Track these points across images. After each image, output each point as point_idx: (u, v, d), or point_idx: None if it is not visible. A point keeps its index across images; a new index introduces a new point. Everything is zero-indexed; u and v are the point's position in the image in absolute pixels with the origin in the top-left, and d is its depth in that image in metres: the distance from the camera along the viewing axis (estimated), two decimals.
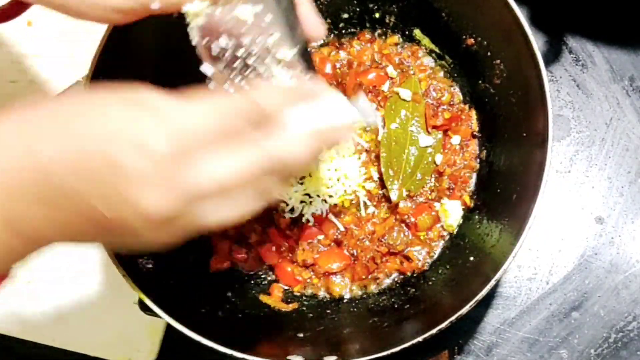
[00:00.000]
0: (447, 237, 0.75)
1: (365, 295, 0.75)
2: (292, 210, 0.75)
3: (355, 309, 0.74)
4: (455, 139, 0.76)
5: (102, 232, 0.40)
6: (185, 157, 0.39)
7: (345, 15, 0.80)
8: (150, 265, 0.66)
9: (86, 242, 0.43)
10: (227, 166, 0.40)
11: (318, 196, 0.75)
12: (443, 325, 0.58)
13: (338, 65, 0.80)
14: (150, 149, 0.37)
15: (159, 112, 0.39)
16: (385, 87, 0.78)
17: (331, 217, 0.76)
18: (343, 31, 0.81)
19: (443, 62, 0.79)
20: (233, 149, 0.41)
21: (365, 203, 0.76)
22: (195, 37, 0.52)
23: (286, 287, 0.75)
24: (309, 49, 0.53)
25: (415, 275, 0.75)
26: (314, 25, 0.53)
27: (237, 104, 0.42)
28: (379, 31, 0.80)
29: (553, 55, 0.86)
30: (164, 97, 0.40)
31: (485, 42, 0.72)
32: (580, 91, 0.85)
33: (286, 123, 0.44)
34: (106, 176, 0.37)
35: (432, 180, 0.77)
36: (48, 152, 0.38)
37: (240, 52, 0.51)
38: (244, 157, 0.41)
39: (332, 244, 0.76)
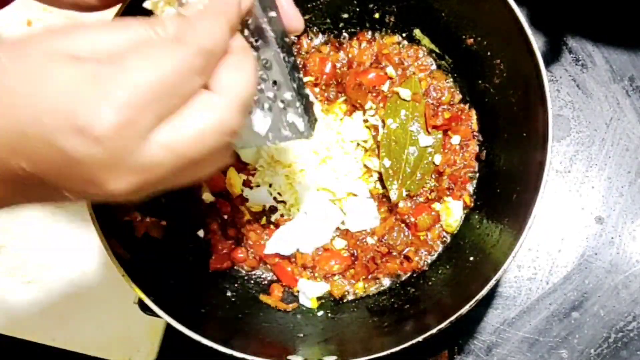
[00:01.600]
0: (447, 237, 0.75)
1: (365, 295, 0.75)
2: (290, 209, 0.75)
3: (355, 309, 0.74)
4: (455, 139, 0.76)
5: (63, 198, 0.38)
6: (133, 132, 0.35)
7: (345, 15, 0.80)
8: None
9: (50, 203, 0.42)
10: (183, 136, 0.37)
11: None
12: (443, 325, 0.58)
13: (338, 65, 0.80)
14: (92, 131, 0.34)
15: (96, 80, 0.35)
16: (385, 87, 0.78)
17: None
18: (343, 31, 0.81)
19: (443, 62, 0.79)
20: (183, 114, 0.37)
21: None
22: None
23: (286, 287, 0.75)
24: (288, 40, 0.50)
25: (415, 275, 0.75)
26: (292, 17, 0.50)
27: (179, 64, 0.37)
28: (379, 31, 0.80)
29: (553, 55, 0.86)
30: (103, 45, 0.36)
31: (485, 42, 0.72)
32: (580, 91, 0.85)
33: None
34: (56, 160, 0.35)
35: (432, 180, 0.77)
36: None
37: None
38: (208, 122, 0.37)
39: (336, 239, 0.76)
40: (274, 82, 0.48)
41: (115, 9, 0.62)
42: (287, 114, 0.49)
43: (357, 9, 0.79)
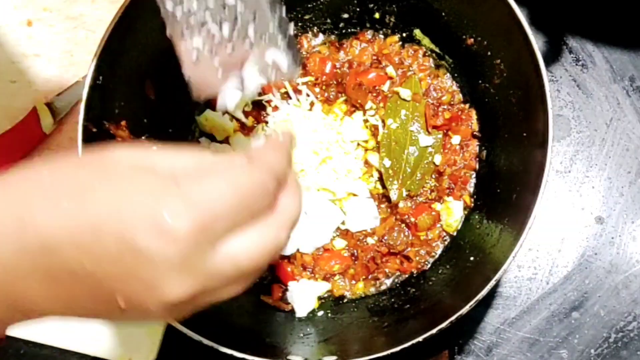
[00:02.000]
0: (447, 237, 0.75)
1: (365, 295, 0.75)
2: None
3: (355, 309, 0.74)
4: (456, 139, 0.76)
5: (109, 310, 0.38)
6: (206, 239, 0.37)
7: (345, 15, 0.80)
8: None
9: (88, 319, 0.40)
10: (247, 251, 0.39)
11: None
12: (443, 325, 0.58)
13: (338, 65, 0.80)
14: (172, 231, 0.35)
15: (178, 186, 0.36)
16: (385, 87, 0.78)
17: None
18: (343, 31, 0.81)
19: (443, 62, 0.79)
20: (248, 230, 0.39)
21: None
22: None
23: (286, 287, 0.75)
24: (285, 17, 0.48)
25: (415, 275, 0.75)
26: None
27: (255, 183, 0.40)
28: (379, 31, 0.80)
29: (553, 55, 0.86)
30: (179, 164, 0.39)
31: (485, 42, 0.72)
32: (581, 91, 0.85)
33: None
34: (123, 259, 0.35)
35: (432, 180, 0.77)
36: (53, 227, 0.35)
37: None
38: (268, 241, 0.40)
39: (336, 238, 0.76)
40: (253, 17, 0.46)
41: (119, 3, 0.62)
42: (268, 51, 0.47)
43: (357, 9, 0.79)
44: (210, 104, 0.78)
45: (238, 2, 0.46)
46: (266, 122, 0.77)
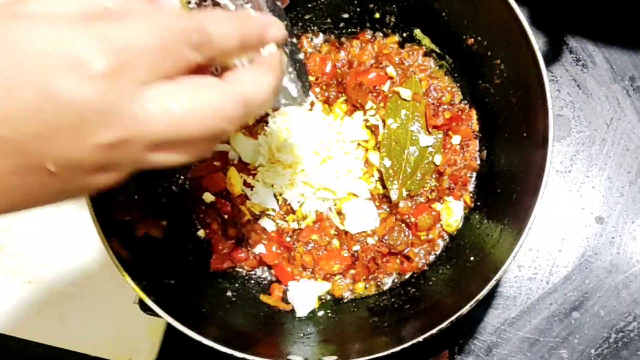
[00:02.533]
0: (447, 237, 0.75)
1: (365, 295, 0.75)
2: (292, 207, 0.75)
3: (355, 309, 0.74)
4: (456, 139, 0.76)
5: (40, 182, 0.33)
6: (128, 79, 0.33)
7: (346, 15, 0.80)
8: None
9: (21, 206, 0.35)
10: (182, 101, 0.35)
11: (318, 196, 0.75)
12: (443, 325, 0.58)
13: (338, 65, 0.80)
14: (89, 68, 0.31)
15: (88, 25, 0.32)
16: (385, 87, 0.78)
17: (331, 214, 0.76)
18: (343, 31, 0.81)
19: (443, 62, 0.79)
20: (184, 82, 0.36)
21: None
22: None
23: (286, 287, 0.75)
24: (279, 3, 0.49)
25: (415, 275, 0.75)
26: None
27: (181, 23, 0.36)
28: (379, 31, 0.80)
29: (553, 55, 0.86)
30: (93, 8, 0.34)
31: (485, 42, 0.72)
32: (581, 91, 0.85)
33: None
34: (42, 111, 0.31)
35: (433, 180, 0.76)
36: None
37: None
38: (207, 99, 0.36)
39: (333, 241, 0.76)
40: None
41: None
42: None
43: (358, 9, 0.79)
44: None
45: None
46: (266, 122, 0.77)
